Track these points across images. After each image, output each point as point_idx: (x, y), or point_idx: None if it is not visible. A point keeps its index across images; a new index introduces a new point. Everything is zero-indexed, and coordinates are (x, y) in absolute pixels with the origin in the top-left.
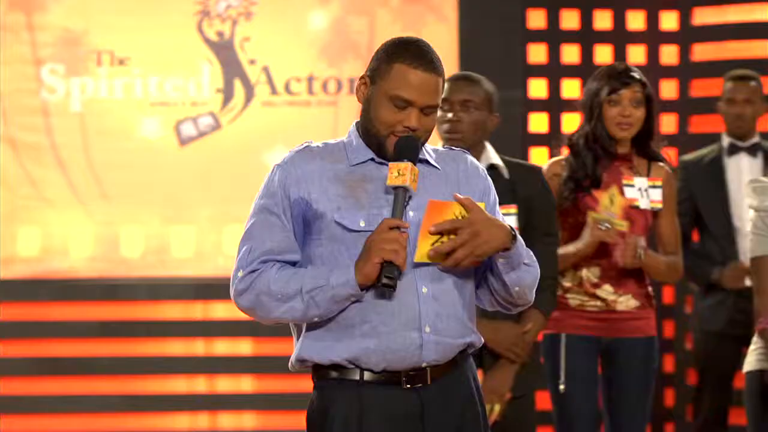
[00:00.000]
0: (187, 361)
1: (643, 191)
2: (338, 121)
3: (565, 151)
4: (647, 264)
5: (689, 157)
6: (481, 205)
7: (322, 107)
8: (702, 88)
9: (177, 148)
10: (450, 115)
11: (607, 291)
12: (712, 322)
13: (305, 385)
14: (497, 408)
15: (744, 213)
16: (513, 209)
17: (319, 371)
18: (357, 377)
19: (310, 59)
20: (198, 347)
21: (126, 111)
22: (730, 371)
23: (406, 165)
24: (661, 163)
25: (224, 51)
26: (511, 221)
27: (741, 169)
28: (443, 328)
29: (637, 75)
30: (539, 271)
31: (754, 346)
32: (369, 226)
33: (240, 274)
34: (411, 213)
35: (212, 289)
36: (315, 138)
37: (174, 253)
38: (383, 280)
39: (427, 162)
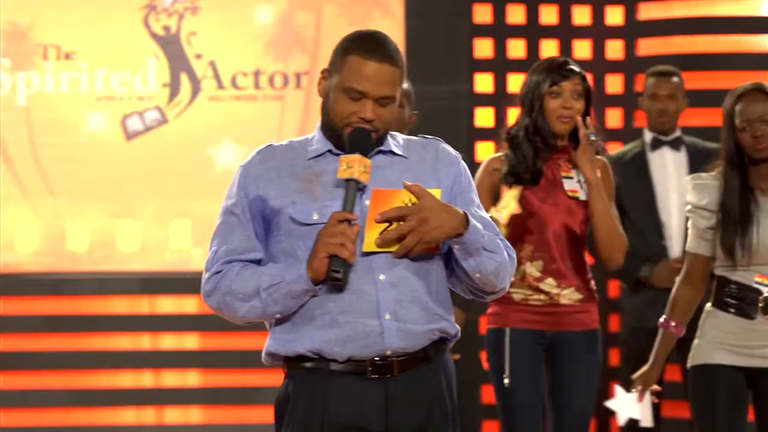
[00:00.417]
0: (134, 356)
1: (582, 183)
2: (285, 115)
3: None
4: (595, 197)
5: (611, 154)
6: (436, 191)
7: (269, 102)
8: None
9: (123, 143)
10: None
11: (550, 284)
12: (642, 320)
13: (251, 379)
14: None
15: (671, 207)
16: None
17: (289, 362)
18: (324, 367)
19: (257, 54)
20: (144, 342)
21: (72, 105)
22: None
23: (354, 157)
24: (598, 156)
25: (171, 45)
26: None
27: (665, 164)
28: (405, 314)
29: (576, 68)
30: (510, 261)
31: (697, 341)
32: (323, 219)
33: (206, 275)
34: (367, 202)
35: (158, 283)
36: (261, 132)
37: (120, 247)
38: (330, 275)
39: (391, 152)
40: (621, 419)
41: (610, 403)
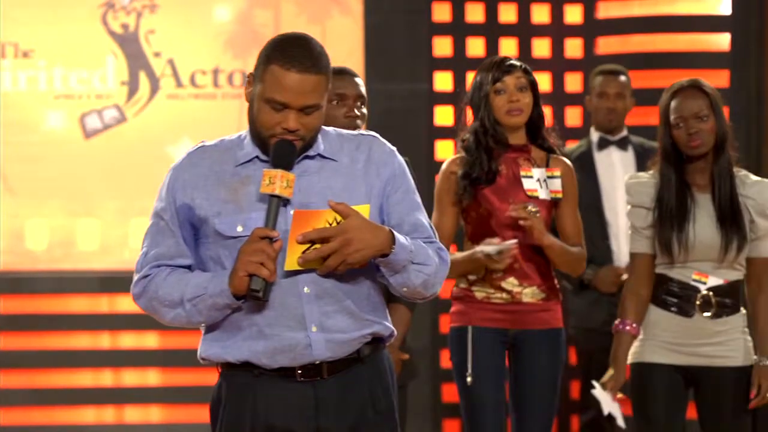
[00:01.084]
0: (93, 355)
1: (542, 182)
2: (244, 113)
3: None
4: (545, 243)
5: None
6: (363, 208)
7: (228, 100)
8: None
9: (82, 141)
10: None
11: (512, 284)
12: (588, 321)
13: (212, 378)
14: None
15: (618, 206)
16: None
17: (220, 365)
18: (254, 371)
19: (216, 52)
20: (104, 340)
21: (30, 104)
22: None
23: (276, 172)
24: (559, 156)
25: (129, 43)
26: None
27: (613, 163)
28: (332, 324)
29: (517, 62)
30: (442, 266)
31: (640, 337)
32: (246, 231)
33: (135, 277)
34: (292, 212)
35: (118, 282)
36: (220, 131)
37: (79, 246)
38: (250, 293)
39: (320, 155)
40: (605, 410)
41: (596, 392)
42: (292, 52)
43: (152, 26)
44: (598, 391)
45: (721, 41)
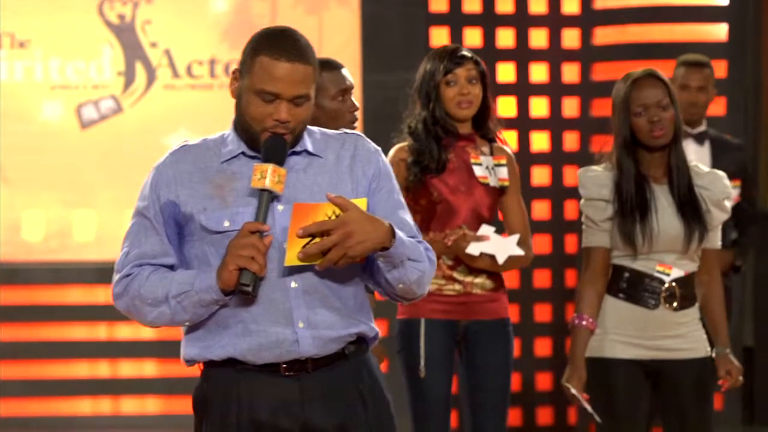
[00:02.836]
0: (90, 346)
1: (491, 169)
2: None
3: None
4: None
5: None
6: (362, 201)
7: (224, 90)
8: (604, 71)
9: (78, 132)
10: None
11: (463, 272)
12: None
13: None
14: None
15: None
16: None
17: (204, 363)
18: (238, 367)
19: (212, 42)
20: (100, 331)
21: (27, 94)
22: None
23: (267, 167)
24: (502, 145)
25: (125, 34)
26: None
27: (688, 156)
28: (319, 321)
29: (468, 53)
30: (431, 265)
31: (598, 331)
32: (234, 226)
33: (116, 277)
34: (280, 208)
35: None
36: (216, 121)
37: (76, 237)
38: (239, 287)
39: (306, 152)
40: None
41: (575, 393)
42: (280, 42)
43: (148, 17)
44: (572, 391)
45: (719, 31)
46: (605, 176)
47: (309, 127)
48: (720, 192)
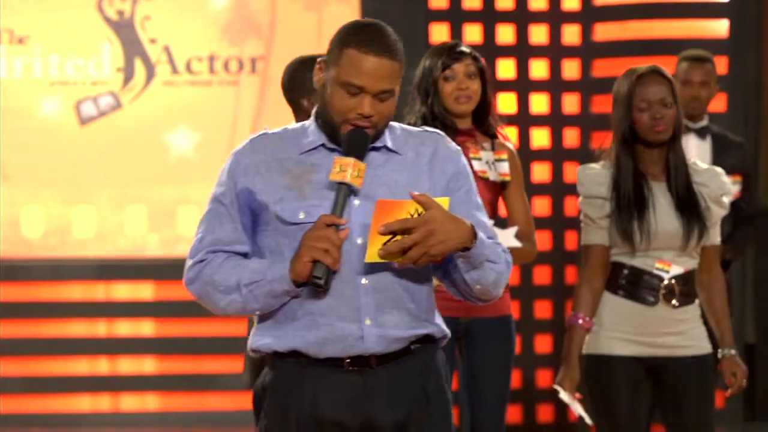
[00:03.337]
0: (89, 342)
1: (491, 164)
2: (239, 100)
3: None
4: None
5: None
6: (443, 200)
7: (224, 87)
8: (604, 67)
9: (77, 128)
10: None
11: None
12: None
13: (207, 366)
14: None
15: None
16: None
17: (269, 354)
18: (302, 360)
19: (211, 38)
20: (100, 328)
21: (26, 90)
22: None
23: (348, 161)
24: (504, 141)
25: (124, 30)
26: None
27: (689, 151)
28: (386, 319)
29: (467, 49)
30: (507, 267)
31: (595, 328)
32: (309, 218)
33: (189, 263)
34: (357, 203)
35: (114, 269)
36: (216, 118)
37: (75, 233)
38: (312, 280)
39: (386, 148)
40: (576, 412)
41: (562, 396)
42: (370, 36)
43: (148, 13)
44: (563, 395)
45: (720, 28)
46: (603, 174)
47: (391, 123)
48: (718, 188)
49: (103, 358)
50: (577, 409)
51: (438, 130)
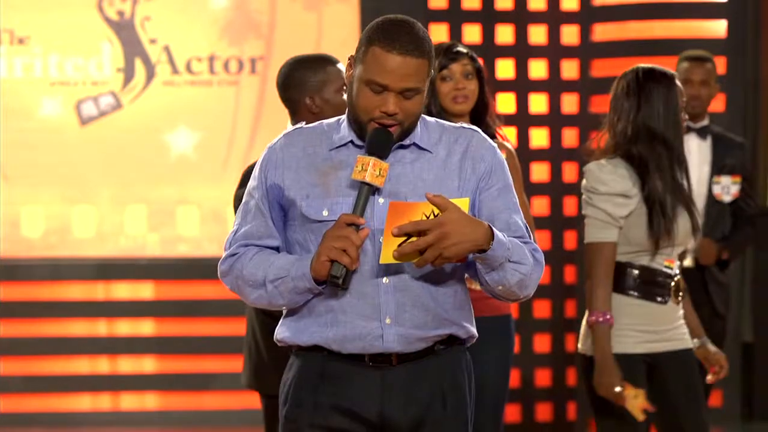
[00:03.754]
0: (89, 342)
1: None
2: (240, 100)
3: None
4: None
5: None
6: (462, 201)
7: (224, 87)
8: (603, 68)
9: (78, 128)
10: None
11: None
12: None
13: (207, 365)
14: None
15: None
16: None
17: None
18: (324, 353)
19: (211, 39)
20: (100, 328)
21: (26, 90)
22: None
23: (369, 160)
24: (503, 141)
25: (125, 30)
26: None
27: (689, 151)
28: (407, 319)
29: (464, 49)
30: (536, 268)
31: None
32: (332, 216)
33: (224, 255)
34: (381, 201)
35: (114, 269)
36: (216, 117)
37: (75, 233)
38: (330, 279)
39: (415, 145)
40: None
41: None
42: (395, 34)
43: (148, 13)
44: (617, 389)
45: (718, 28)
46: (622, 172)
47: (425, 117)
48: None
49: (103, 357)
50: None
51: (474, 127)
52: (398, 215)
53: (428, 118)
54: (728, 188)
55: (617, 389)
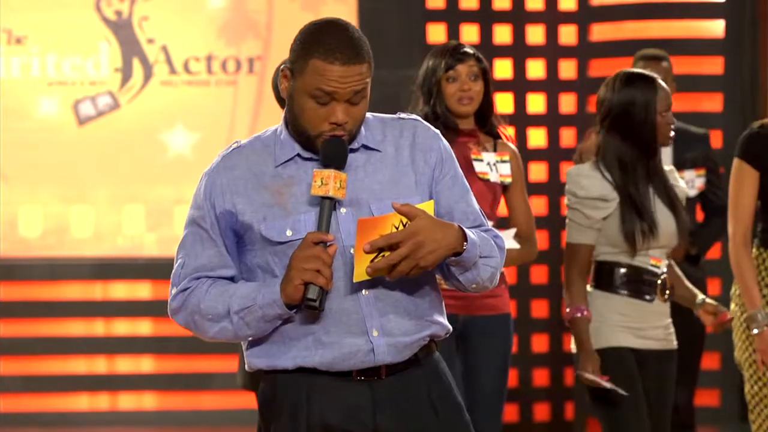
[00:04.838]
0: (87, 342)
1: (492, 165)
2: (237, 100)
3: None
4: None
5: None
6: (427, 205)
7: (222, 87)
8: (601, 68)
9: (75, 128)
10: None
11: None
12: None
13: (205, 365)
14: None
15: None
16: None
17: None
18: (309, 371)
19: (209, 38)
20: (98, 327)
21: (24, 90)
22: None
23: (329, 173)
24: (506, 142)
25: (122, 30)
26: None
27: None
28: (393, 327)
29: (470, 50)
30: (501, 255)
31: (596, 325)
32: (297, 235)
33: (173, 291)
34: (343, 211)
35: (112, 269)
36: (214, 117)
37: (73, 233)
38: (306, 302)
39: (364, 147)
40: (606, 386)
41: (588, 376)
42: (333, 43)
43: (146, 13)
44: (589, 376)
45: (716, 28)
46: (598, 177)
47: (367, 117)
48: (684, 189)
49: (101, 357)
50: (608, 385)
51: (414, 116)
52: (367, 231)
53: (366, 115)
54: (692, 182)
55: (587, 376)
